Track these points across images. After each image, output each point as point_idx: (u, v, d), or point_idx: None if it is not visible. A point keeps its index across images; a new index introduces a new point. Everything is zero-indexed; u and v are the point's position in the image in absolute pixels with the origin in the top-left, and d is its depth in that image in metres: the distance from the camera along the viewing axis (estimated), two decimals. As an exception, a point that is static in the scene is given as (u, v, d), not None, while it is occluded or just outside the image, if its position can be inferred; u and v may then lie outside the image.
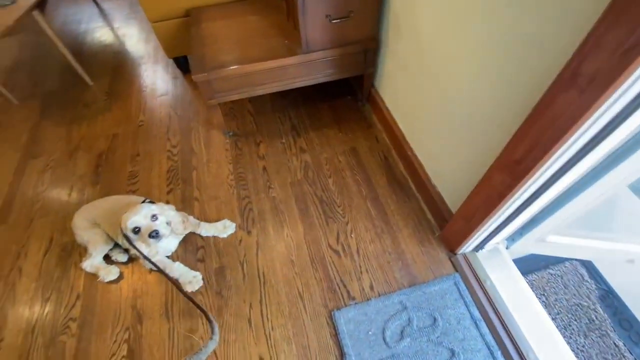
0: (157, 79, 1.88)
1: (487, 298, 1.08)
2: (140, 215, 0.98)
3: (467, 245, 1.12)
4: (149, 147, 1.55)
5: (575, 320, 1.24)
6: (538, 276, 1.33)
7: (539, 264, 1.36)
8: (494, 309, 1.06)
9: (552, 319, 1.14)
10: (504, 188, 0.83)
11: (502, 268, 1.12)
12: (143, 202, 1.05)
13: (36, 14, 1.54)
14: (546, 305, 1.27)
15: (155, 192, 1.39)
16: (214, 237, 1.25)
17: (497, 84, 0.79)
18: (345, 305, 1.08)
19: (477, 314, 1.06)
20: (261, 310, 1.09)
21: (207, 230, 1.24)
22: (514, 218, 0.94)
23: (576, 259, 1.36)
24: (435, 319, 1.05)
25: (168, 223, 1.05)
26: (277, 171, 1.44)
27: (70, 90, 1.85)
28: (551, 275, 1.33)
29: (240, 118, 1.65)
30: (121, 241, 1.09)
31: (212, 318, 0.96)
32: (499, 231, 1.01)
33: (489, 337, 1.02)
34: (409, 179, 1.37)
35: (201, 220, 1.26)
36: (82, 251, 1.24)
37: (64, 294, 1.15)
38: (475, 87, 0.87)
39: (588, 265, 1.34)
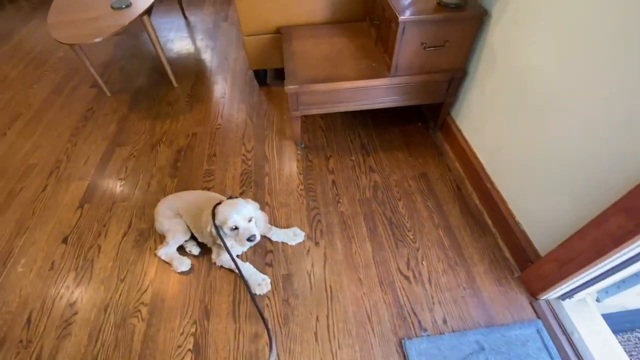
0: (235, 87, 2.00)
1: (575, 353, 0.99)
2: (241, 216, 1.00)
3: (554, 291, 1.04)
4: (225, 150, 1.62)
5: (670, 396, 1.09)
6: (624, 338, 1.20)
7: (623, 325, 1.23)
8: (583, 366, 0.97)
9: (645, 390, 1.02)
10: (623, 234, 0.77)
11: (591, 322, 1.03)
12: (230, 197, 1.08)
13: (145, 18, 1.70)
14: (634, 374, 1.14)
15: (229, 191, 1.44)
16: (283, 243, 1.26)
17: (629, 125, 0.76)
18: (417, 336, 1.03)
19: (563, 369, 0.97)
20: (328, 326, 1.06)
21: (277, 235, 1.25)
22: (622, 269, 0.87)
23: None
24: (516, 367, 0.97)
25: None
26: (346, 187, 1.45)
27: (157, 89, 2.01)
28: (639, 339, 1.20)
29: (311, 132, 1.70)
30: (207, 231, 1.10)
31: (273, 339, 0.93)
32: (599, 281, 0.94)
33: (578, 398, 0.92)
34: (485, 212, 1.32)
35: (270, 225, 1.28)
36: (158, 239, 1.29)
37: (137, 278, 1.19)
38: (595, 127, 0.84)
39: (685, 336, 1.20)
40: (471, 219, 1.32)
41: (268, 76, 2.00)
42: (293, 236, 1.25)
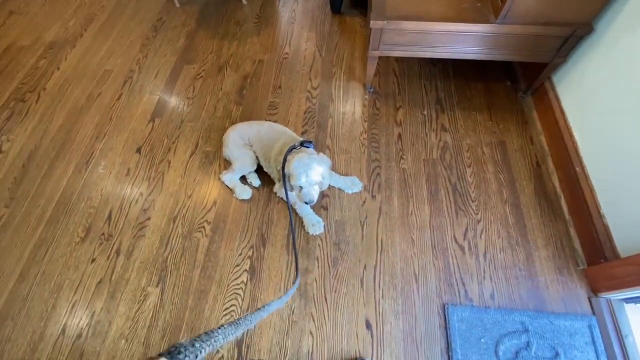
0: (306, 12, 1.83)
1: (624, 355, 0.96)
2: (309, 180, 0.99)
3: (622, 293, 0.98)
4: (291, 83, 1.56)
5: None
6: (678, 351, 1.14)
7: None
8: (629, 369, 0.95)
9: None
10: None
11: (653, 331, 0.98)
12: (302, 143, 1.05)
13: None
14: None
15: (291, 129, 1.41)
16: (339, 190, 1.26)
17: None
18: (461, 304, 1.05)
19: (607, 367, 0.95)
20: (374, 276, 1.10)
21: (335, 181, 1.25)
22: None
23: None
24: (557, 354, 0.97)
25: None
26: (412, 143, 1.37)
27: (226, 4, 1.90)
28: (695, 356, 1.13)
29: (383, 76, 1.56)
30: (270, 164, 1.13)
31: (299, 273, 1.01)
32: (685, 296, 0.85)
33: (615, 396, 0.92)
34: (563, 196, 1.21)
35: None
36: (222, 164, 1.34)
37: (202, 197, 1.27)
38: None
39: None
40: (544, 200, 1.21)
41: (344, 3, 1.79)
42: (351, 185, 1.24)
